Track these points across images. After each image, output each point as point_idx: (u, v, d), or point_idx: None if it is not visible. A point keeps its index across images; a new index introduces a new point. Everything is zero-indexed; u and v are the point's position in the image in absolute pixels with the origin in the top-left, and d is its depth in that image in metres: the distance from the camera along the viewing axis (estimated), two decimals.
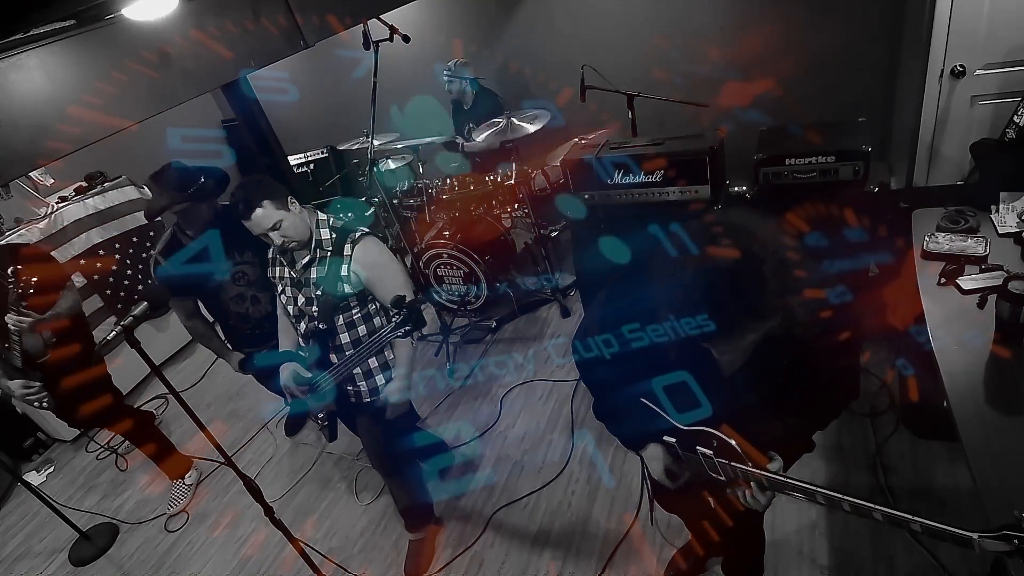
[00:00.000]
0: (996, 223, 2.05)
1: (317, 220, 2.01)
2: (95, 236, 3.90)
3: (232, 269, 2.53)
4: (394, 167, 4.27)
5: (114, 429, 3.03)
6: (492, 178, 3.78)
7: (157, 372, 1.75)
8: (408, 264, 3.80)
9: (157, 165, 2.39)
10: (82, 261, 3.83)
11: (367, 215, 4.35)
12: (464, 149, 4.18)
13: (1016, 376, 1.54)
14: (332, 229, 2.01)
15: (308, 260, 1.98)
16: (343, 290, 1.97)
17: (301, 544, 2.07)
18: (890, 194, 2.74)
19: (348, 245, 1.98)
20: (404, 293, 1.97)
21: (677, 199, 2.80)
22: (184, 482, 3.13)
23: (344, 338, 2.04)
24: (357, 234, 2.00)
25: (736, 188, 3.00)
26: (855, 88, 3.56)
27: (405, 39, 3.10)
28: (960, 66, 2.95)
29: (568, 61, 3.80)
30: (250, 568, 2.65)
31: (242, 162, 5.37)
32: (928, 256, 2.00)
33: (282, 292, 2.09)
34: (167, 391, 1.75)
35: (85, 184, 4.09)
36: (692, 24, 3.82)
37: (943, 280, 1.88)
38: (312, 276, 1.99)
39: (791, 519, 2.16)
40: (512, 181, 3.65)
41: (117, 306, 3.97)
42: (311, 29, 1.67)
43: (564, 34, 4.18)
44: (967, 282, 1.84)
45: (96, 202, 3.91)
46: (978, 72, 2.94)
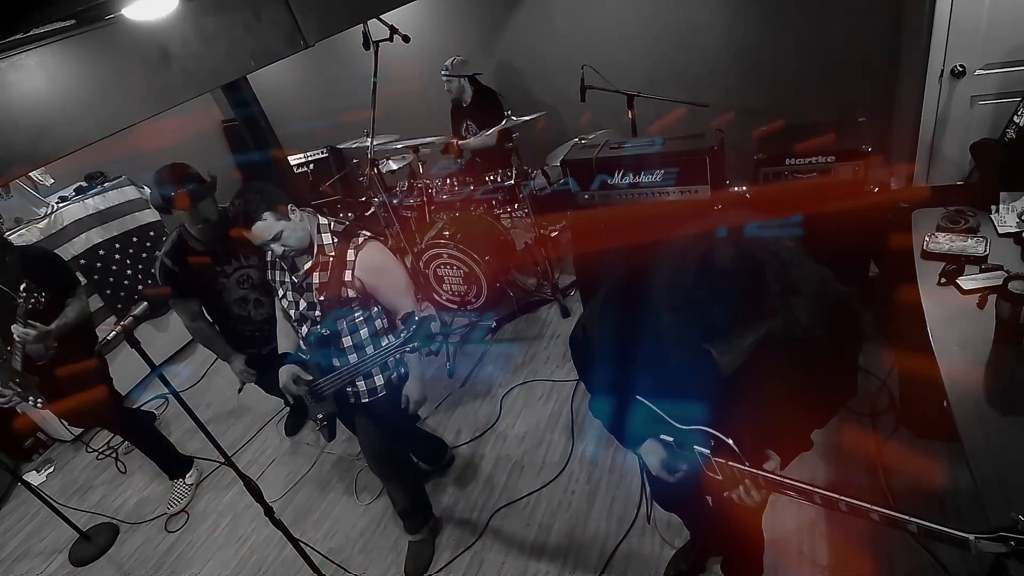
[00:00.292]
0: (996, 223, 2.05)
1: (318, 225, 1.99)
2: (95, 236, 3.89)
3: (236, 272, 2.54)
4: (394, 167, 4.27)
5: (112, 429, 3.03)
6: (492, 178, 3.79)
7: (157, 372, 1.75)
8: (408, 264, 3.80)
9: (157, 165, 2.40)
10: (82, 261, 3.83)
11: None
12: (460, 146, 4.16)
13: (1016, 376, 1.54)
14: (334, 234, 2.00)
15: (310, 266, 1.97)
16: (346, 294, 1.96)
17: (301, 544, 2.07)
18: (890, 194, 2.74)
19: (351, 251, 1.97)
20: (411, 308, 1.98)
21: (677, 198, 2.81)
22: (185, 482, 3.13)
23: (347, 341, 2.03)
24: (360, 239, 2.00)
25: (736, 188, 3.01)
26: (855, 88, 3.56)
27: (405, 39, 3.10)
28: (960, 66, 2.95)
29: (568, 61, 3.81)
30: (250, 568, 2.65)
31: (242, 162, 5.38)
32: (928, 256, 2.00)
33: (283, 296, 2.08)
34: (167, 391, 1.75)
35: (85, 184, 4.10)
36: (692, 24, 3.82)
37: (943, 280, 1.88)
38: (314, 281, 1.97)
39: (791, 519, 2.16)
40: (512, 181, 3.66)
41: (117, 306, 3.97)
42: (311, 29, 1.67)
43: (564, 34, 4.18)
44: (967, 282, 1.84)
45: (96, 202, 3.91)
46: (978, 72, 2.95)
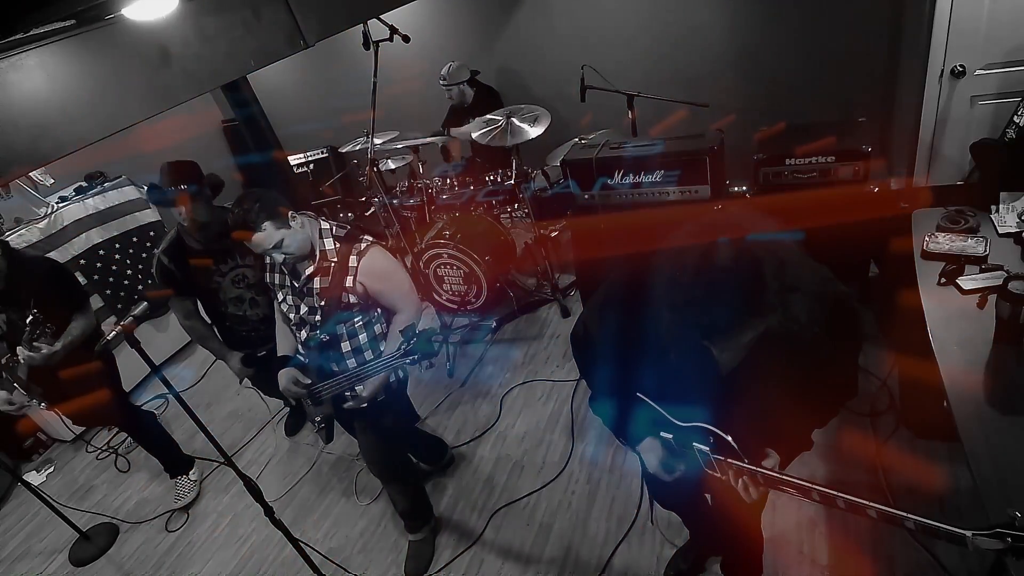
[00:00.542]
0: (996, 223, 2.05)
1: (320, 230, 1.98)
2: (95, 236, 3.90)
3: (232, 271, 2.54)
4: (394, 167, 4.27)
5: (120, 427, 3.03)
6: (492, 178, 3.79)
7: (157, 372, 1.75)
8: (408, 264, 3.80)
9: (157, 165, 2.40)
10: (82, 261, 3.83)
11: None
12: (450, 133, 4.14)
13: (1016, 376, 1.54)
14: (336, 239, 1.98)
15: (312, 271, 1.96)
16: (347, 300, 1.95)
17: (301, 544, 2.07)
18: (890, 194, 2.74)
19: (354, 256, 1.96)
20: (414, 312, 1.98)
21: (677, 199, 2.80)
22: (189, 477, 3.14)
23: (346, 346, 2.03)
24: (363, 245, 1.98)
25: (736, 188, 3.01)
26: (855, 88, 3.56)
27: (405, 39, 3.10)
28: (960, 66, 2.95)
29: (568, 61, 3.81)
30: (250, 568, 2.65)
31: (242, 162, 5.38)
32: (928, 256, 2.00)
33: (282, 300, 2.07)
34: (167, 391, 1.75)
35: (85, 184, 4.10)
36: (692, 24, 3.82)
37: (943, 280, 1.88)
38: (315, 287, 1.96)
39: (791, 518, 2.16)
40: (512, 181, 3.66)
41: (117, 306, 3.98)
42: (311, 29, 1.67)
43: (564, 34, 4.18)
44: (967, 282, 1.84)
45: (96, 202, 3.91)
46: (978, 72, 2.94)
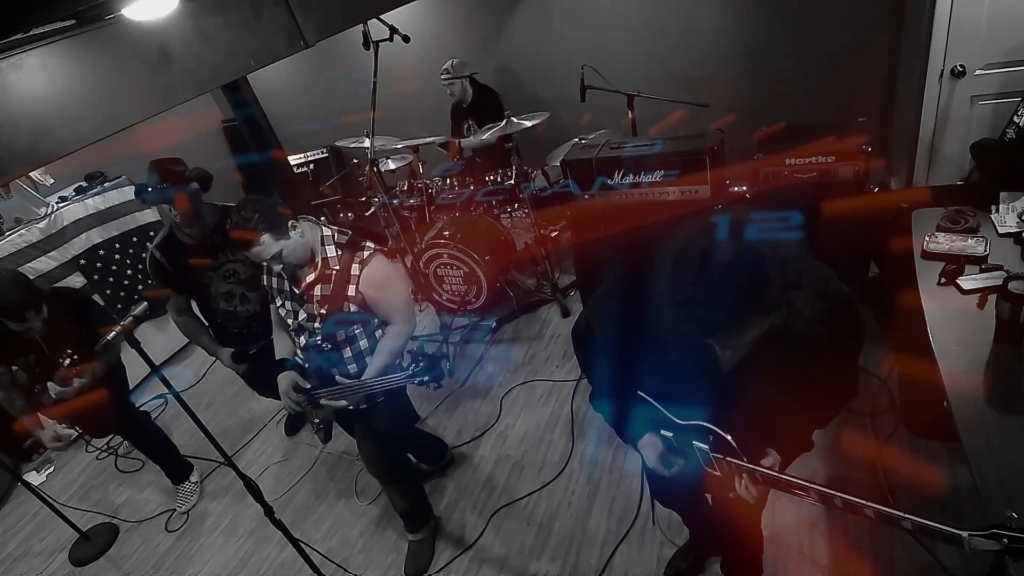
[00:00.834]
0: (996, 223, 2.05)
1: (322, 236, 1.97)
2: (95, 236, 3.90)
3: (223, 267, 2.55)
4: (394, 167, 4.27)
5: (122, 435, 3.07)
6: (492, 178, 3.79)
7: (157, 372, 1.75)
8: (408, 264, 3.80)
9: None
10: (82, 261, 3.83)
11: None
12: (462, 146, 4.17)
13: (1016, 376, 1.54)
14: (338, 246, 1.97)
15: (313, 279, 1.95)
16: (348, 308, 1.95)
17: (301, 544, 2.07)
18: (890, 194, 2.74)
19: (356, 265, 1.95)
20: (407, 323, 1.99)
21: (677, 199, 2.80)
22: (191, 480, 3.14)
23: (346, 352, 2.03)
24: (366, 253, 1.97)
25: (736, 188, 3.00)
26: (855, 88, 3.56)
27: (405, 39, 3.10)
28: (960, 66, 2.95)
29: (568, 61, 3.81)
30: (250, 568, 2.65)
31: (242, 162, 5.38)
32: (928, 256, 1.99)
33: (281, 306, 2.07)
34: (167, 391, 1.75)
35: (85, 184, 4.10)
36: (692, 24, 3.82)
37: (943, 280, 1.88)
38: (316, 294, 1.95)
39: (791, 518, 2.16)
40: (512, 181, 3.66)
41: (117, 306, 3.97)
42: (311, 29, 1.67)
43: (564, 34, 4.18)
44: (967, 282, 1.84)
45: (96, 202, 3.91)
46: (978, 72, 2.94)
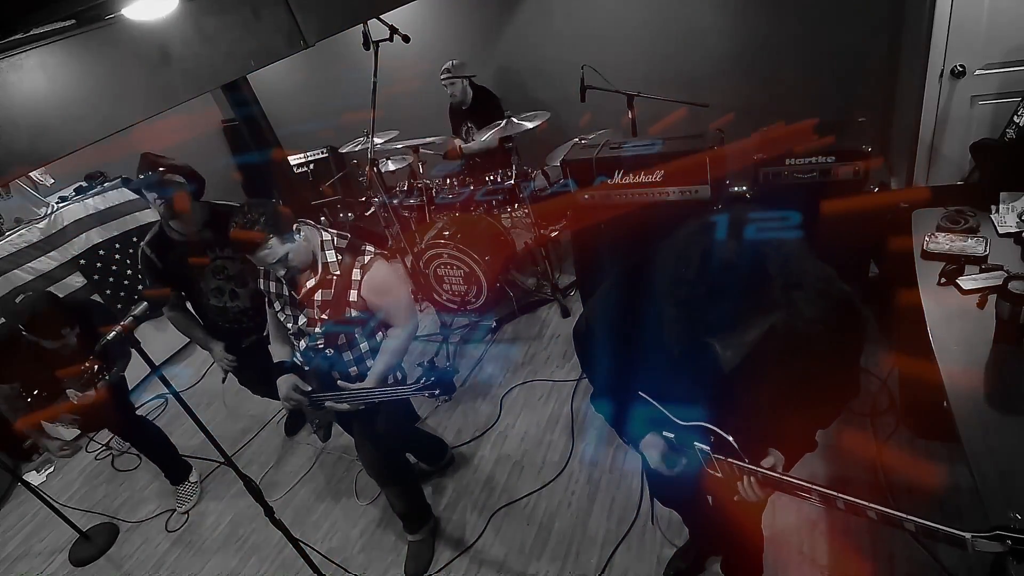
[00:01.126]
0: (996, 223, 2.05)
1: (322, 241, 1.96)
2: (95, 236, 3.90)
3: (212, 263, 2.56)
4: (394, 167, 4.27)
5: (120, 435, 3.09)
6: (492, 178, 3.79)
7: (157, 372, 1.75)
8: (408, 264, 3.80)
9: None
10: (82, 261, 3.83)
11: None
12: (463, 150, 4.17)
13: (1016, 376, 1.54)
14: (338, 250, 1.96)
15: (314, 285, 1.94)
16: (349, 314, 1.95)
17: (301, 544, 2.07)
18: (890, 194, 2.74)
19: (357, 270, 1.94)
20: (409, 325, 2.00)
21: (677, 199, 2.80)
22: (190, 480, 3.14)
23: (347, 355, 2.03)
24: (367, 258, 1.97)
25: (736, 188, 3.01)
26: (855, 88, 3.56)
27: (405, 39, 3.10)
28: (960, 66, 2.95)
29: (568, 61, 3.80)
30: (250, 568, 2.65)
31: (242, 162, 5.37)
32: (928, 256, 1.99)
33: (280, 310, 2.06)
34: (167, 391, 1.75)
35: (85, 184, 4.10)
36: (692, 24, 3.82)
37: (943, 280, 1.88)
38: (317, 299, 1.95)
39: (791, 518, 2.16)
40: (512, 181, 3.66)
41: (117, 306, 3.97)
42: (311, 29, 1.67)
43: (563, 34, 4.18)
44: (967, 282, 1.84)
45: (96, 202, 3.91)
46: (978, 72, 2.94)
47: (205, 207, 2.53)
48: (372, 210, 4.21)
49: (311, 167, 5.39)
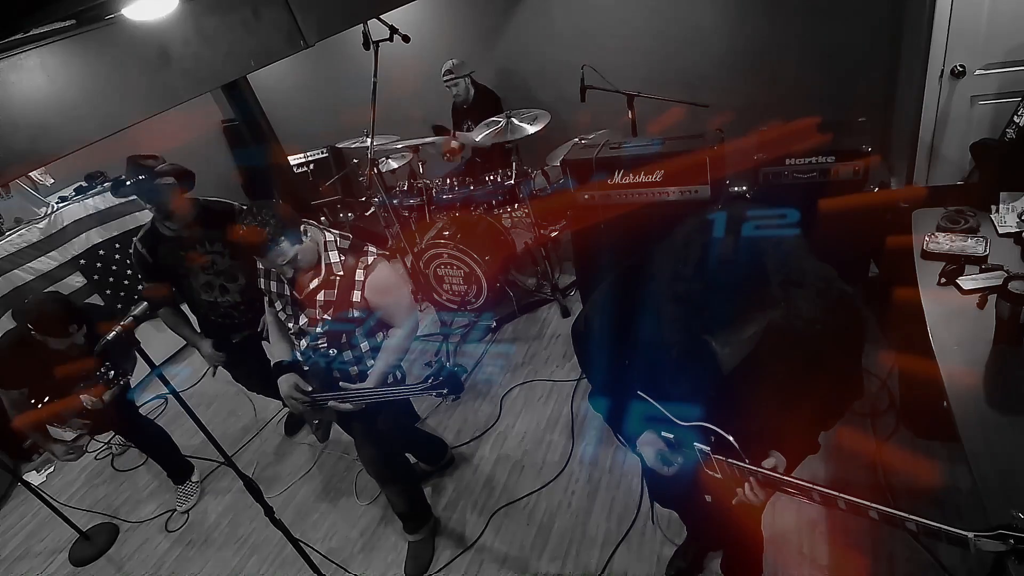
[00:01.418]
0: (996, 223, 2.05)
1: (325, 242, 1.97)
2: (95, 236, 3.90)
3: (200, 258, 2.57)
4: (394, 167, 4.27)
5: (123, 434, 3.09)
6: (492, 178, 3.79)
7: (157, 371, 1.75)
8: (408, 264, 3.80)
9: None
10: (82, 261, 3.83)
11: None
12: (459, 139, 4.15)
13: (1016, 376, 1.54)
14: (341, 251, 1.97)
15: (317, 285, 1.95)
16: (351, 314, 1.95)
17: (301, 544, 2.07)
18: (890, 194, 2.74)
19: (360, 271, 1.95)
20: (409, 325, 2.00)
21: (677, 199, 2.80)
22: (191, 480, 3.15)
23: (347, 355, 2.03)
24: (370, 259, 1.97)
25: (736, 188, 3.01)
26: (855, 88, 3.56)
27: (405, 39, 3.10)
28: (960, 66, 2.95)
29: (568, 61, 3.80)
30: (250, 568, 2.65)
31: (242, 162, 5.37)
32: (928, 256, 1.99)
33: (281, 310, 2.07)
34: (167, 391, 1.75)
35: (85, 184, 4.10)
36: (692, 24, 3.82)
37: (943, 280, 1.88)
38: (320, 299, 1.96)
39: (791, 518, 2.16)
40: (512, 181, 3.66)
41: (117, 306, 3.97)
42: (311, 29, 1.67)
43: (564, 34, 4.18)
44: (967, 282, 1.84)
45: (96, 202, 3.91)
46: (978, 72, 2.94)
47: (195, 203, 2.53)
48: (372, 210, 4.21)
49: (311, 167, 5.39)
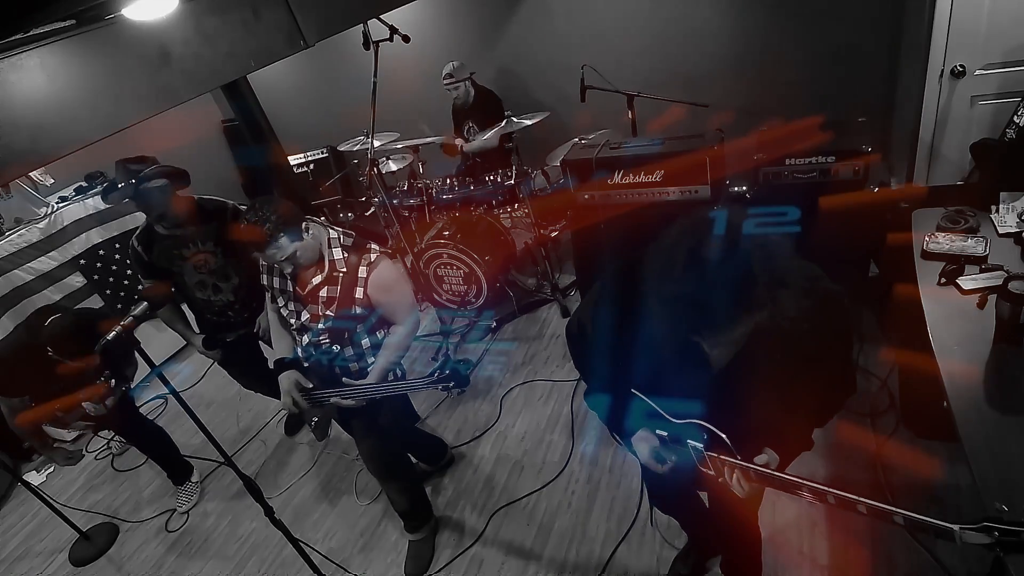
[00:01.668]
0: (996, 223, 2.05)
1: (328, 239, 1.97)
2: (95, 236, 3.90)
3: (194, 257, 2.57)
4: (395, 167, 4.27)
5: (122, 435, 3.10)
6: (492, 178, 3.79)
7: (157, 371, 1.75)
8: (408, 264, 3.80)
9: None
10: (82, 261, 3.83)
11: None
12: (464, 150, 4.17)
13: (1016, 376, 1.54)
14: (344, 248, 1.98)
15: (320, 281, 1.96)
16: (353, 311, 1.96)
17: (301, 544, 2.07)
18: (890, 194, 2.75)
19: (363, 268, 1.95)
20: (410, 322, 2.00)
21: (677, 199, 2.80)
22: (191, 480, 3.15)
23: (349, 352, 2.03)
24: (373, 256, 1.98)
25: (736, 188, 3.01)
26: (855, 88, 3.56)
27: (405, 39, 3.10)
28: (960, 66, 2.95)
29: (568, 61, 3.81)
30: (250, 568, 2.65)
31: (242, 162, 5.38)
32: (928, 256, 1.99)
33: (283, 306, 2.07)
34: (167, 391, 1.75)
35: (85, 184, 4.10)
36: (692, 24, 3.82)
37: (943, 280, 1.88)
38: (323, 296, 1.96)
39: (790, 518, 2.16)
40: (512, 181, 3.66)
41: (117, 306, 3.98)
42: (311, 29, 1.67)
43: (564, 34, 4.18)
44: (967, 282, 1.84)
45: (96, 202, 3.91)
46: (978, 72, 2.94)
47: (189, 202, 2.53)
48: (372, 210, 4.21)
49: (311, 167, 5.39)
